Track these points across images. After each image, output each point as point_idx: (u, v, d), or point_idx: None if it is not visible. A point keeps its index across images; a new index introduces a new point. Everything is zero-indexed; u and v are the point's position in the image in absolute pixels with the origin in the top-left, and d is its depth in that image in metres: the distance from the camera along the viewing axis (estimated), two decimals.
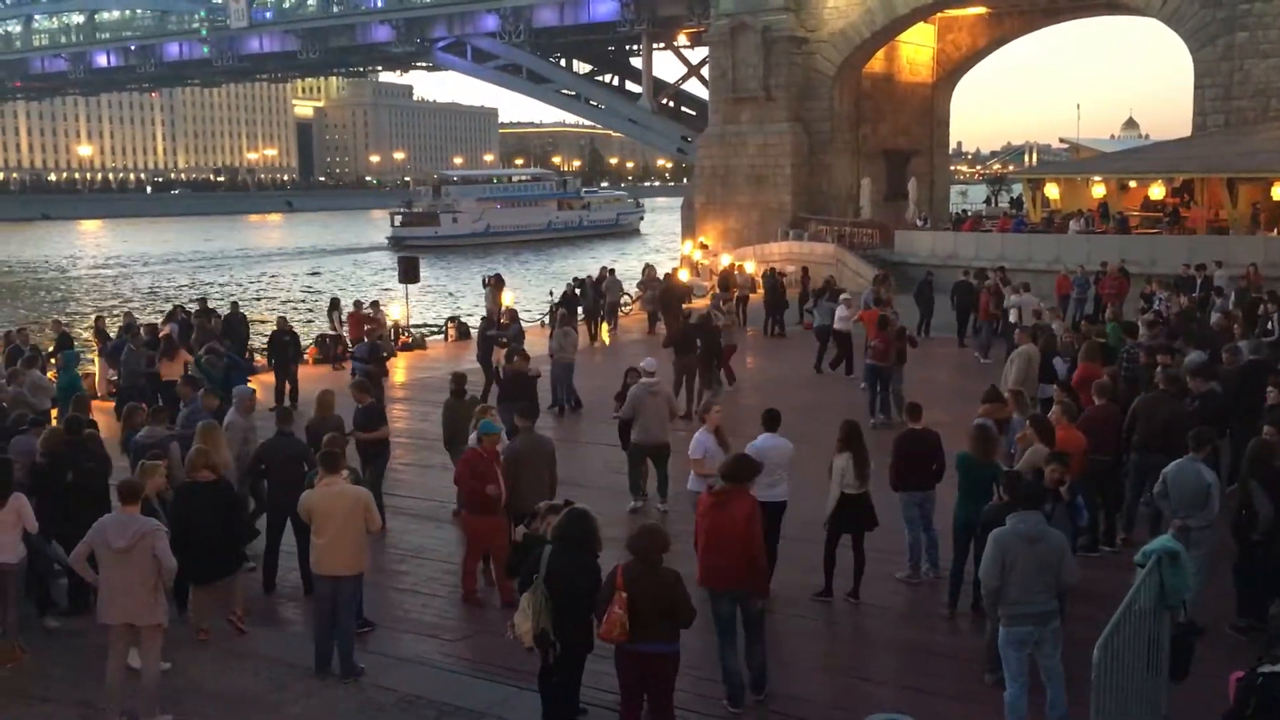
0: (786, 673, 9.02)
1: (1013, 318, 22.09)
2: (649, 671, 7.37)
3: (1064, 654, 7.78)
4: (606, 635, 7.23)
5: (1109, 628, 6.74)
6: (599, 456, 15.85)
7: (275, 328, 22.12)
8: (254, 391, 13.28)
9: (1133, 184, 38.14)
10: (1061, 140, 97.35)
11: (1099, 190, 37.59)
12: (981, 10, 50.97)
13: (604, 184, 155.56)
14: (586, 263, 54.70)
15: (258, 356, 24.84)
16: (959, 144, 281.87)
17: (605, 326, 30.19)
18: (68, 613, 10.39)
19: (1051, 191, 40.06)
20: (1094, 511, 11.25)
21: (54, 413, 15.80)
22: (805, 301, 28.85)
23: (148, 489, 9.20)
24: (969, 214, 49.67)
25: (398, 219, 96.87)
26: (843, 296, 23.65)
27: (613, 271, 32.25)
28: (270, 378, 21.18)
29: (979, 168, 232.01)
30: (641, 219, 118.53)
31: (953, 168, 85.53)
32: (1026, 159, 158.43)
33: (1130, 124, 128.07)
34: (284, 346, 21.10)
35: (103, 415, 16.56)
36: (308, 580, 9.82)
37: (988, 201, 65.87)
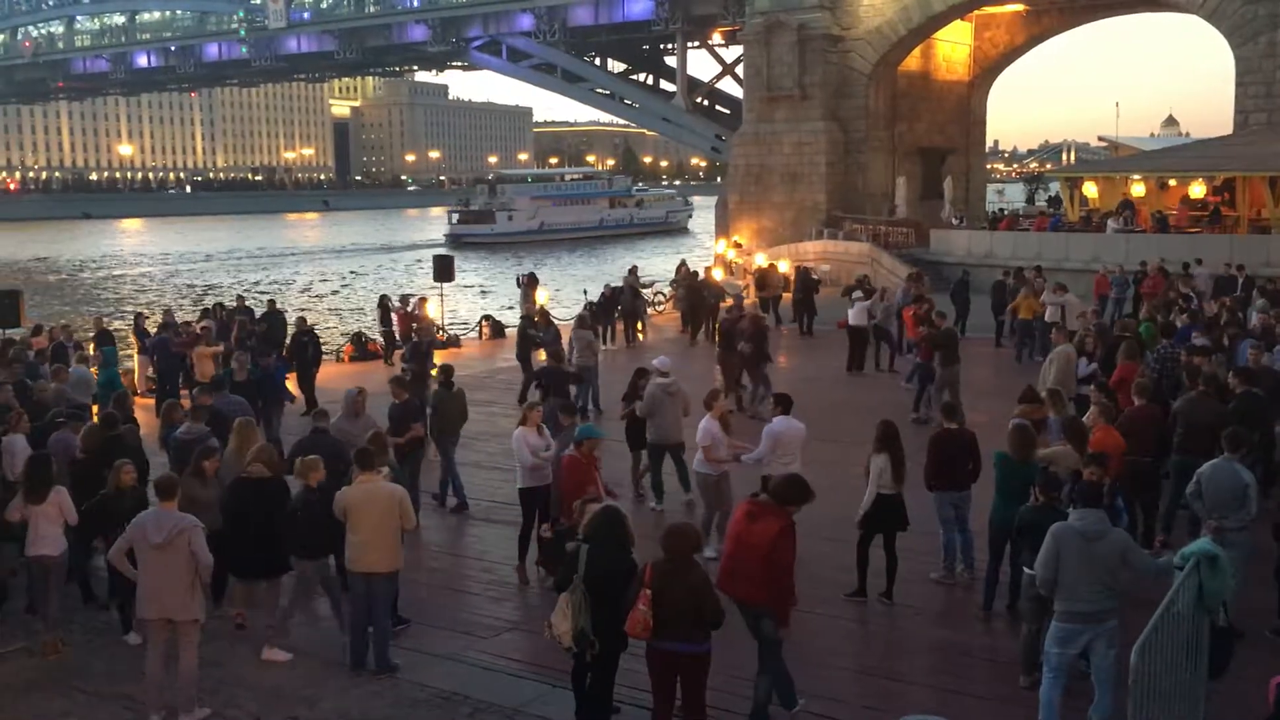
0: (819, 673, 9.00)
1: (1050, 317, 21.87)
2: (679, 670, 7.38)
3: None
4: (631, 631, 7.28)
5: (1147, 630, 6.67)
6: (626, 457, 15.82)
7: (295, 329, 21.95)
8: (360, 390, 12.66)
9: (1172, 182, 37.69)
10: (1100, 138, 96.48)
11: (1138, 189, 37.18)
12: (1019, 7, 50.53)
13: (640, 183, 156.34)
14: (635, 259, 54.75)
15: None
16: (995, 142, 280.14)
17: (627, 328, 29.98)
18: (108, 607, 10.53)
19: (1090, 190, 39.68)
20: (1132, 513, 11.14)
21: (94, 409, 16.02)
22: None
23: (310, 479, 9.59)
24: (1005, 212, 49.28)
25: (455, 217, 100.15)
26: (854, 295, 23.46)
27: (633, 271, 32.42)
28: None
29: (1016, 166, 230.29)
30: (690, 216, 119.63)
31: (989, 166, 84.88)
32: (1064, 157, 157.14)
33: (1170, 122, 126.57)
34: (303, 348, 20.92)
35: (142, 412, 16.77)
36: (344, 576, 9.89)
37: (1030, 200, 65.08)
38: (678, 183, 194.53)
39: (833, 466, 12.19)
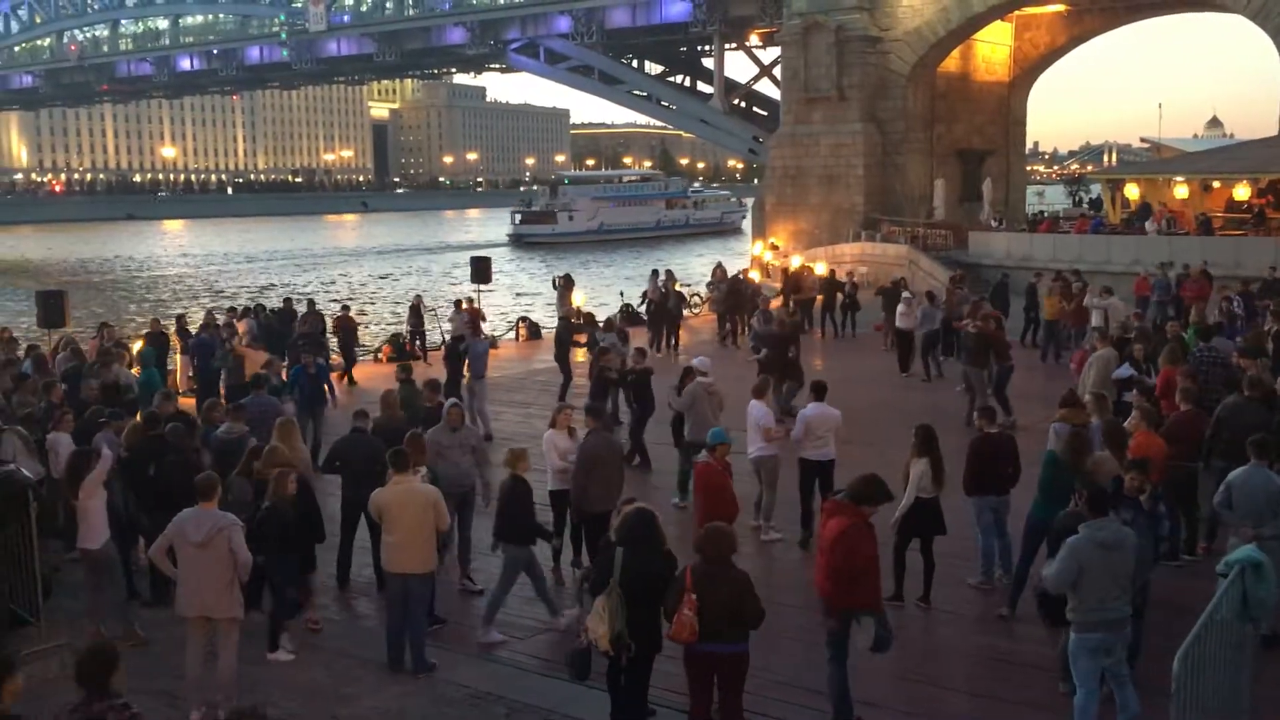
0: (856, 678, 8.94)
1: (1095, 320, 21.66)
2: (718, 671, 7.38)
3: (1144, 665, 7.64)
4: (676, 636, 7.26)
5: (1190, 638, 6.60)
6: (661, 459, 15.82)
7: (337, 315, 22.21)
8: (455, 403, 12.28)
9: (1216, 184, 37.20)
10: (1142, 140, 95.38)
11: (1181, 191, 36.73)
12: (1061, 8, 50.05)
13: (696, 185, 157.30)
14: (692, 259, 54.80)
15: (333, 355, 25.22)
16: (1036, 144, 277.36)
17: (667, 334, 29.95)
18: (149, 604, 10.64)
19: (1131, 192, 39.24)
20: (1175, 519, 11.00)
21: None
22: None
23: (518, 468, 10.04)
24: (1045, 214, 48.82)
25: (518, 217, 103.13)
26: (904, 295, 23.41)
27: (655, 273, 32.50)
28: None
29: (1056, 168, 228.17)
30: (744, 217, 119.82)
31: (1029, 168, 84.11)
32: (1106, 159, 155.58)
33: (1214, 123, 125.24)
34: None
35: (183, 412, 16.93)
36: (380, 577, 9.97)
37: (1077, 202, 64.15)
38: (714, 185, 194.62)
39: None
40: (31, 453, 11.92)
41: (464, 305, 26.58)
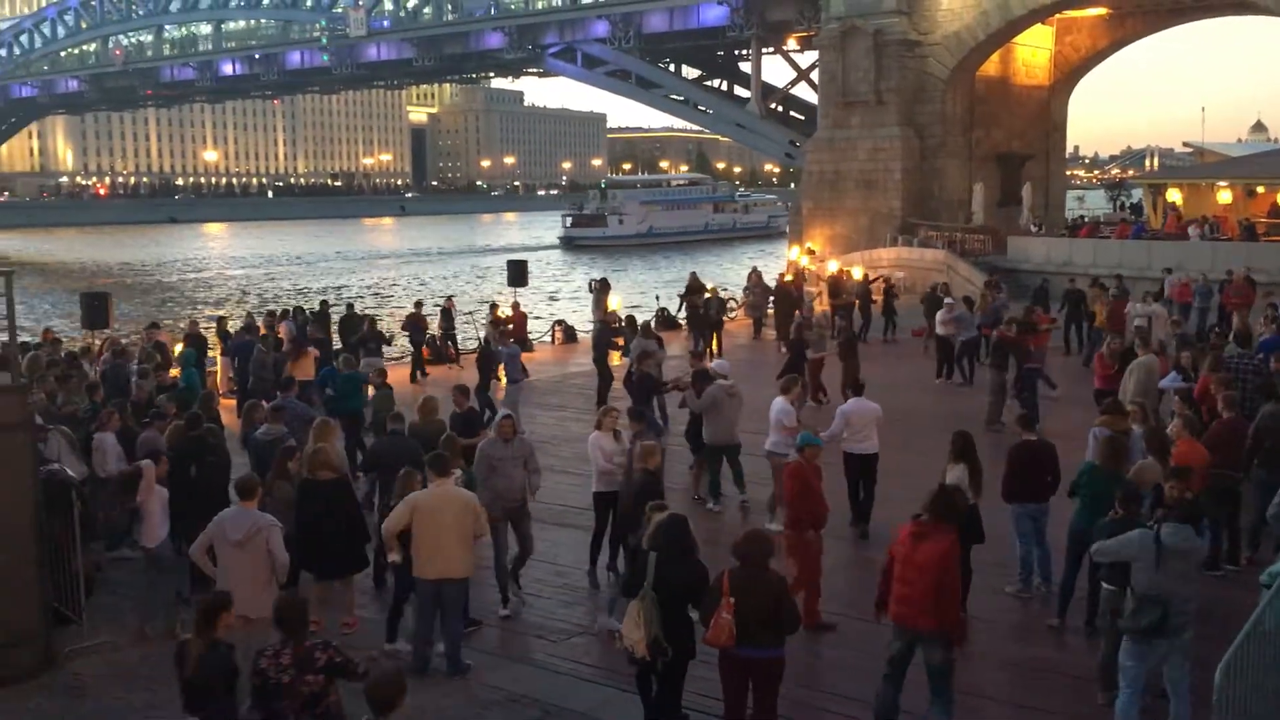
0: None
1: (1138, 324, 21.42)
2: (753, 676, 7.37)
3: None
4: (714, 641, 7.25)
5: (1232, 649, 6.52)
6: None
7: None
8: (507, 415, 11.79)
9: (1260, 190, 36.72)
10: (1185, 144, 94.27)
11: (1225, 196, 36.28)
12: (1102, 11, 49.56)
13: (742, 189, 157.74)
14: (739, 262, 54.79)
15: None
16: (1076, 148, 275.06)
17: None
18: (187, 602, 10.77)
19: (1174, 197, 38.80)
20: (1217, 529, 10.86)
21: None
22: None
23: (649, 463, 10.17)
24: (1086, 219, 48.36)
25: (569, 220, 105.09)
26: (946, 301, 23.29)
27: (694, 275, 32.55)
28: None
29: (1097, 172, 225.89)
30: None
31: (1069, 172, 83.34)
32: (1147, 163, 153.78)
33: (1259, 127, 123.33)
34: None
35: (224, 413, 17.11)
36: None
37: (1121, 206, 63.25)
38: (750, 189, 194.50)
39: (907, 477, 12.06)
40: (76, 452, 12.10)
41: (494, 310, 26.81)
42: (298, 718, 6.34)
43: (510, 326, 25.19)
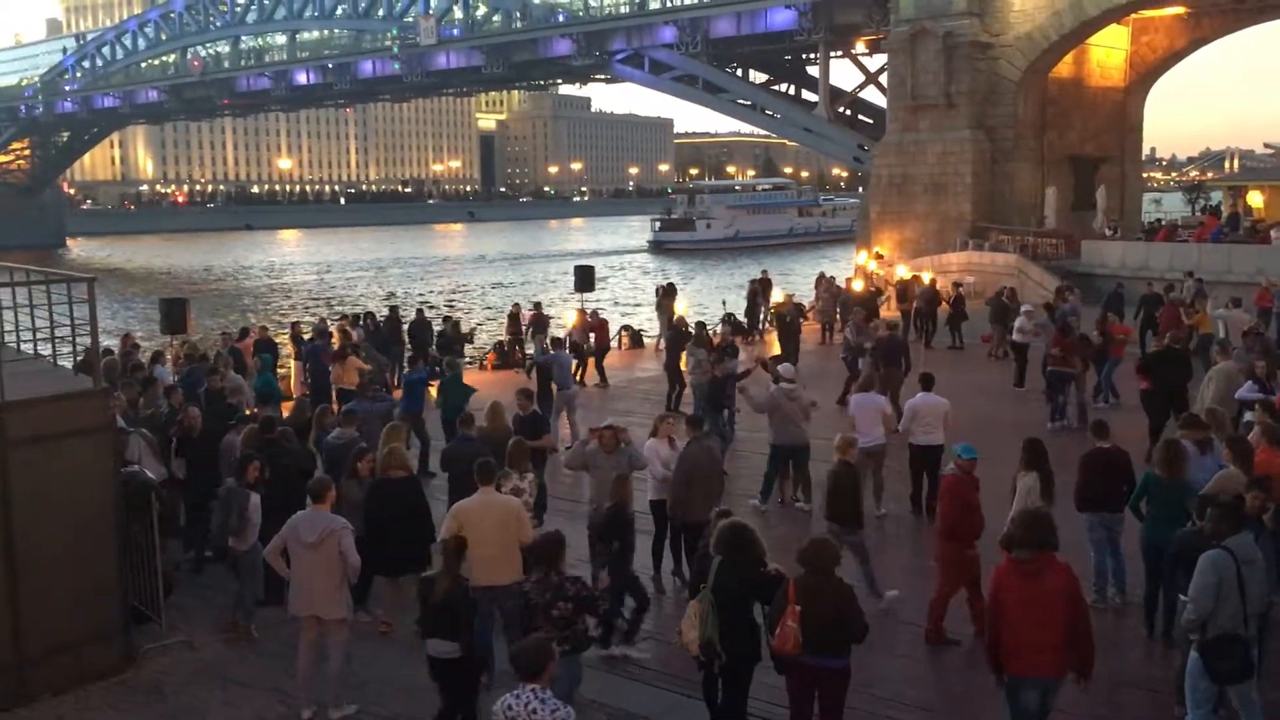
0: (966, 700, 8.79)
1: (1220, 332, 20.95)
2: (819, 685, 7.32)
3: (1263, 690, 7.37)
4: (780, 648, 7.23)
5: None
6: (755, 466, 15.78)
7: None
8: (610, 426, 11.39)
9: None
10: (1267, 145, 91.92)
11: None
12: (1180, 10, 48.47)
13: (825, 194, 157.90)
14: (822, 266, 54.56)
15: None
16: (1152, 150, 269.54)
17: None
18: (262, 603, 10.98)
19: (1255, 199, 37.82)
20: None
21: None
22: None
23: (848, 454, 10.79)
24: (1163, 222, 47.34)
25: (657, 225, 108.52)
26: (1024, 309, 22.97)
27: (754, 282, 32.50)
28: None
29: (1175, 174, 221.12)
30: None
31: (1145, 175, 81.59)
32: (1227, 165, 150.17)
33: None
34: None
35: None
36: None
37: (1203, 209, 61.50)
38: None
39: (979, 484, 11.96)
40: (155, 454, 12.39)
41: (529, 313, 27.02)
42: (548, 632, 7.31)
43: (567, 334, 25.20)
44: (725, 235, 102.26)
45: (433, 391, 17.77)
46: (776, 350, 24.81)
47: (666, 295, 30.70)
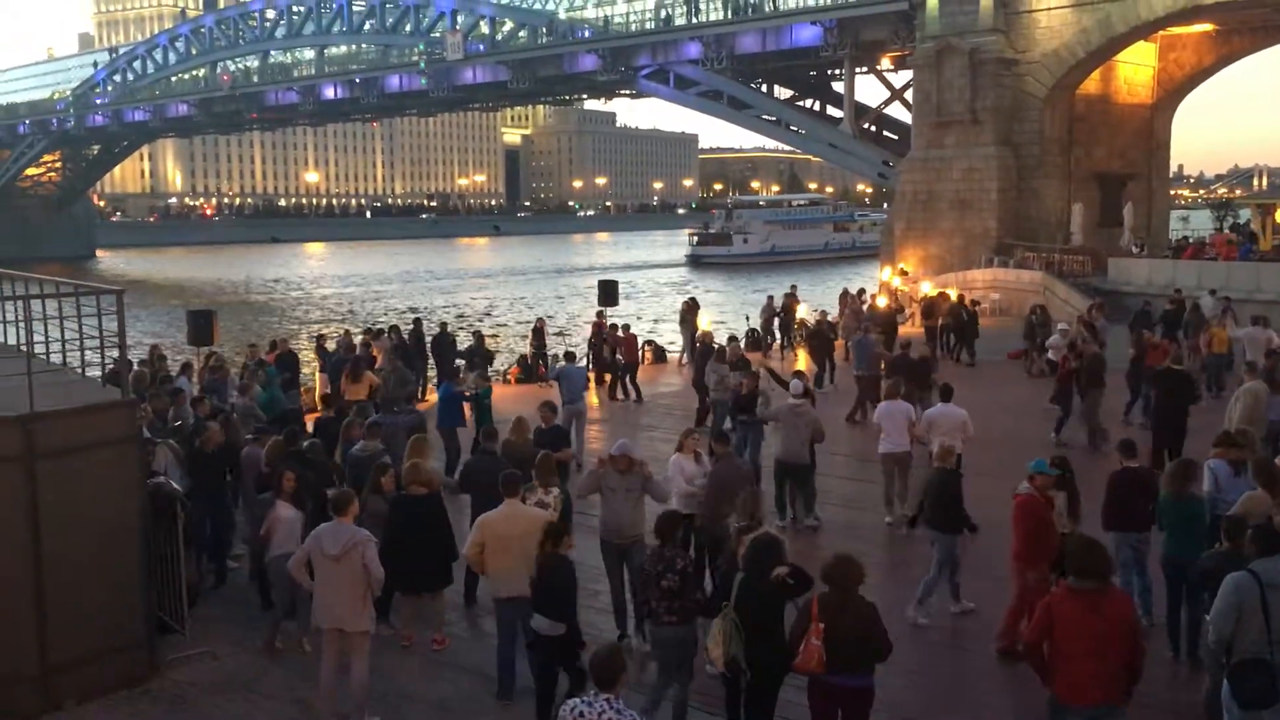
0: (987, 715, 8.70)
1: (1249, 354, 20.74)
2: (843, 704, 7.27)
3: None
4: (804, 666, 7.17)
5: None
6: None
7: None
8: (622, 444, 10.79)
9: None
10: None
11: None
12: (1208, 27, 48.24)
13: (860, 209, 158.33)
14: (855, 279, 54.51)
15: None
16: (1180, 167, 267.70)
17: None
18: (285, 615, 11.01)
19: None
20: None
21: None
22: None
23: (947, 460, 11.25)
24: (1190, 240, 46.98)
25: (695, 239, 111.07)
26: (1059, 327, 22.86)
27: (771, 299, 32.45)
28: None
29: (1203, 191, 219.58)
30: None
31: (1173, 192, 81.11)
32: (1256, 182, 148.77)
33: None
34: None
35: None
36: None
37: (1232, 227, 60.70)
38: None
39: (999, 503, 11.82)
40: (182, 465, 12.46)
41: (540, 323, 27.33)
42: (658, 604, 8.17)
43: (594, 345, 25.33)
44: (762, 250, 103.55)
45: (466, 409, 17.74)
46: (801, 365, 24.75)
47: (690, 310, 30.73)
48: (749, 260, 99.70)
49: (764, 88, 63.23)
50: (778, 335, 32.12)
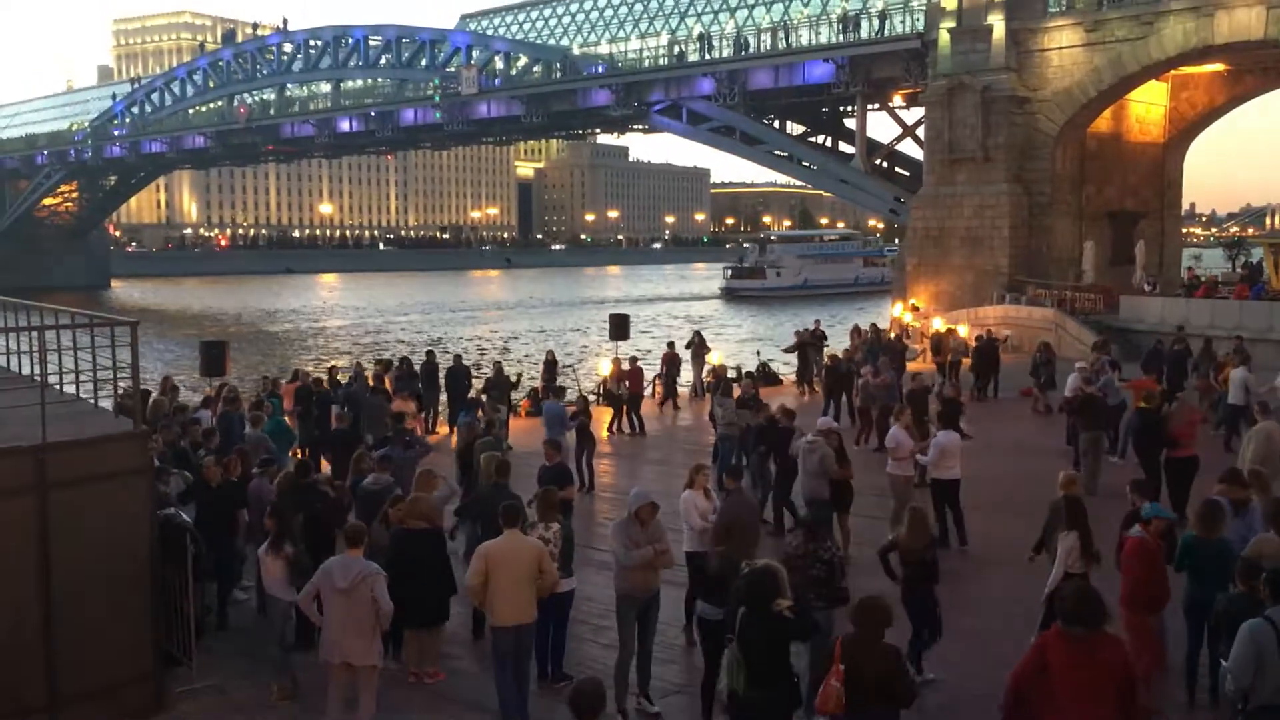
0: None
1: (1238, 395, 20.59)
2: None
3: None
4: (822, 708, 7.11)
5: None
6: None
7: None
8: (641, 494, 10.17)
9: None
10: None
11: None
12: (1220, 67, 48.37)
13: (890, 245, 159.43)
14: (883, 311, 54.70)
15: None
16: (1192, 205, 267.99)
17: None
18: (293, 648, 10.97)
19: None
20: None
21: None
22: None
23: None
24: (1203, 278, 46.88)
25: (729, 273, 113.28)
26: (1078, 365, 22.74)
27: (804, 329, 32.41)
28: None
29: (1215, 230, 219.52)
30: None
31: (1185, 230, 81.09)
32: (1269, 221, 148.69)
33: None
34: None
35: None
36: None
37: (1244, 265, 60.11)
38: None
39: (1013, 545, 11.78)
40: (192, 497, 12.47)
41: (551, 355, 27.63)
42: (806, 591, 8.67)
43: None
44: (794, 283, 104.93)
45: None
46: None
47: (700, 345, 30.76)
48: (782, 294, 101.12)
49: (776, 123, 63.55)
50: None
